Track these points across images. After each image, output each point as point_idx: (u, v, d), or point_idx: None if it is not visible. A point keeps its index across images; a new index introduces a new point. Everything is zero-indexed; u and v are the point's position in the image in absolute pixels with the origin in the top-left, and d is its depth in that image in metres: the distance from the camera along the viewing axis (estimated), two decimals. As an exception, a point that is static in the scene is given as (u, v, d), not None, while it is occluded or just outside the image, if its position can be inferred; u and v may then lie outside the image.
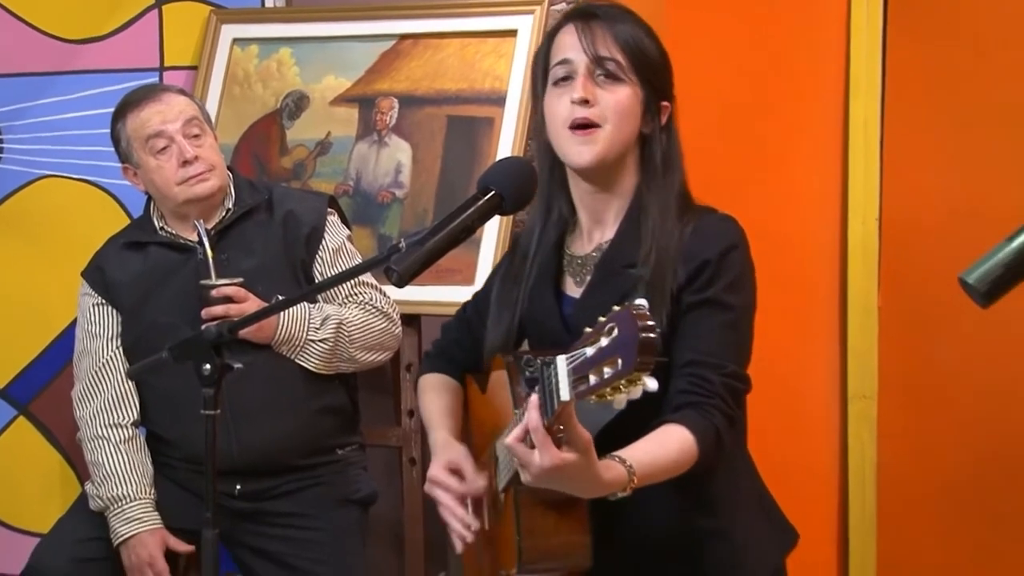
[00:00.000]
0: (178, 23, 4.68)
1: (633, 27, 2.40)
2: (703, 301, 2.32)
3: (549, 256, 2.51)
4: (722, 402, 2.26)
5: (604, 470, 2.08)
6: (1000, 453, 3.05)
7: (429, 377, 2.74)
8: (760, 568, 2.48)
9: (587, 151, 2.35)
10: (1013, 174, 2.90)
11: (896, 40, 3.33)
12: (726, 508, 2.44)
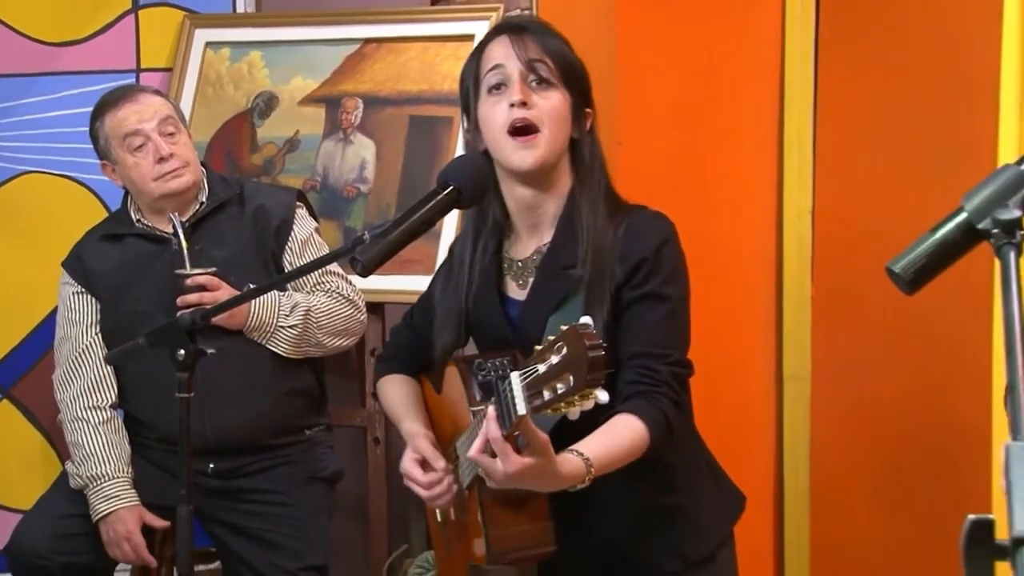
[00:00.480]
0: (154, 27, 4.67)
1: (559, 40, 2.41)
2: (643, 296, 2.33)
3: (490, 261, 2.51)
4: (669, 389, 2.28)
5: (563, 465, 2.10)
6: (923, 431, 3.07)
7: (387, 377, 2.74)
8: (714, 536, 2.50)
9: (529, 155, 2.34)
10: (937, 171, 2.93)
11: (827, 47, 3.36)
12: (682, 484, 2.47)
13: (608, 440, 2.20)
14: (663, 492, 2.44)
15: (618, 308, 2.34)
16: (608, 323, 2.30)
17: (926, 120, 3.01)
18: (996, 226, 1.35)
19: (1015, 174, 1.39)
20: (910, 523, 3.09)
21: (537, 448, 2.04)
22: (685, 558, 2.44)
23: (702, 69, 3.37)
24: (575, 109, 2.39)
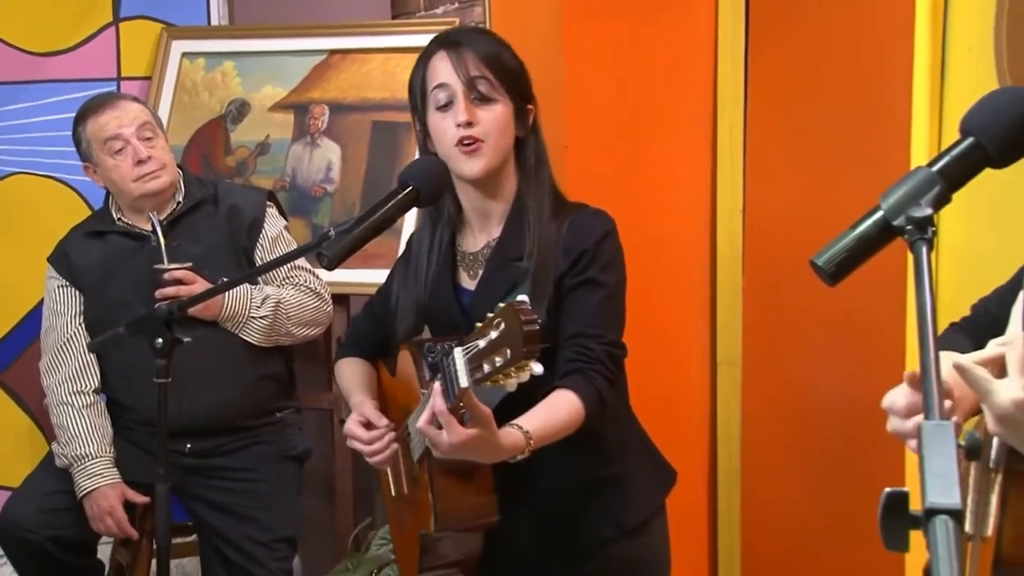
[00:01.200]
0: (133, 38, 4.67)
1: (493, 46, 2.40)
2: (583, 282, 2.34)
3: (444, 253, 2.51)
4: (603, 367, 2.29)
5: (504, 438, 2.11)
6: (843, 411, 3.08)
7: (343, 360, 2.74)
8: (648, 504, 2.50)
9: (476, 164, 2.35)
10: (856, 172, 2.94)
11: (756, 57, 3.37)
12: (618, 458, 2.47)
13: (546, 414, 2.21)
14: (599, 465, 2.44)
15: (560, 296, 2.34)
16: (551, 310, 2.32)
17: (846, 125, 3.02)
18: (910, 223, 1.36)
19: (926, 175, 1.40)
20: (832, 496, 3.10)
21: (481, 421, 2.05)
22: (620, 526, 2.44)
23: (642, 77, 3.38)
24: (517, 111, 2.39)
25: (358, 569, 3.94)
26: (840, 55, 3.06)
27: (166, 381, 2.55)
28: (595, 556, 2.45)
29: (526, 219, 2.39)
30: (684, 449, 3.41)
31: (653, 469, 2.56)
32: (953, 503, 1.11)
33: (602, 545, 2.45)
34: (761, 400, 3.40)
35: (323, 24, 4.59)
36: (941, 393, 1.21)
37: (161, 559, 2.69)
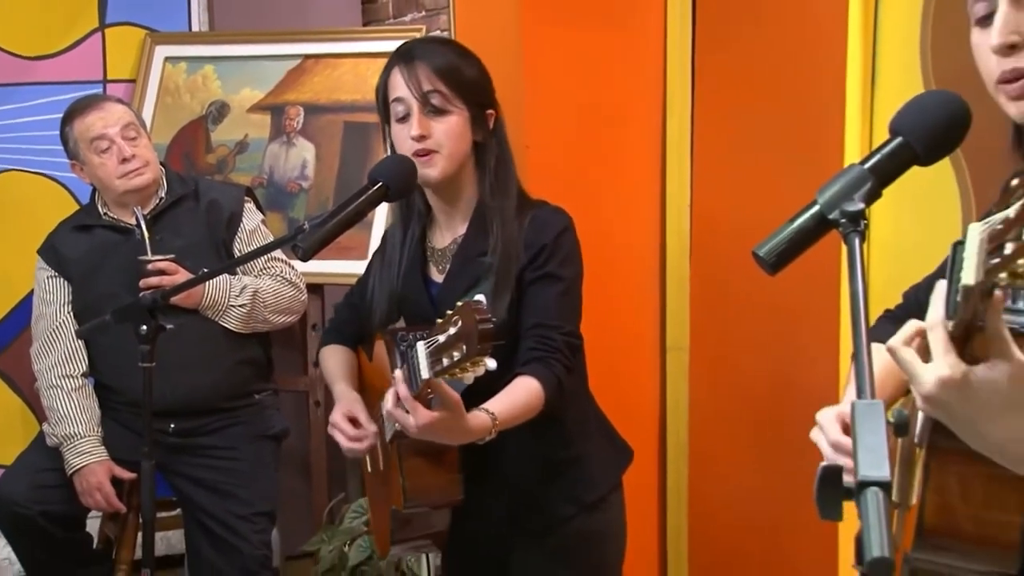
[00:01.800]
0: (118, 43, 4.65)
1: (449, 57, 2.39)
2: (542, 276, 2.33)
3: (415, 249, 2.51)
4: (562, 356, 2.29)
5: (472, 420, 2.13)
6: (783, 392, 3.10)
7: (327, 348, 2.72)
8: (605, 482, 2.50)
9: (431, 171, 2.36)
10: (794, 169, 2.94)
11: (702, 63, 3.37)
12: (577, 440, 2.47)
13: (510, 399, 2.21)
14: (560, 447, 2.44)
15: (521, 289, 2.34)
16: (513, 302, 2.32)
17: (785, 126, 3.03)
18: (844, 216, 1.36)
19: (859, 172, 1.40)
20: (773, 471, 3.12)
21: (448, 405, 2.06)
22: (579, 503, 2.45)
23: (597, 82, 3.38)
24: (474, 118, 2.38)
25: (332, 540, 3.94)
26: (780, 62, 3.07)
27: (150, 365, 2.55)
28: (556, 531, 2.45)
29: (488, 218, 2.38)
30: (636, 429, 3.41)
31: (610, 449, 2.56)
32: (883, 476, 1.12)
33: (563, 521, 2.45)
34: (707, 383, 3.41)
35: (298, 30, 4.60)
36: (872, 374, 1.22)
37: (147, 532, 2.68)
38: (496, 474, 2.39)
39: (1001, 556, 1.34)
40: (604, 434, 2.56)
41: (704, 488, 3.42)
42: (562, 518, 2.45)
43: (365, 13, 5.09)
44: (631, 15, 3.39)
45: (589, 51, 3.33)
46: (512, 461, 2.38)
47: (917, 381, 1.24)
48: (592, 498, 2.47)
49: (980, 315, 1.19)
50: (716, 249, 3.35)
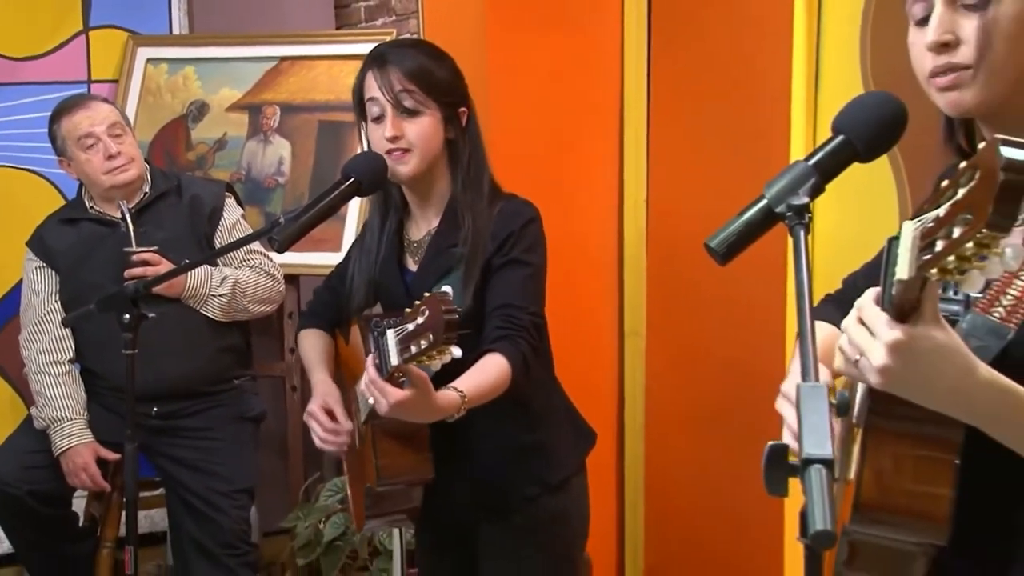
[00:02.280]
0: (102, 45, 4.62)
1: (420, 59, 2.37)
2: (509, 261, 2.33)
3: (392, 239, 2.50)
4: (528, 335, 2.29)
5: (440, 398, 2.12)
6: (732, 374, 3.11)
7: (306, 331, 2.71)
8: (568, 466, 2.50)
9: (404, 169, 2.35)
10: (744, 165, 2.95)
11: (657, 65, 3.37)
12: (542, 424, 2.47)
13: (478, 376, 2.21)
14: (525, 431, 2.44)
15: (488, 275, 2.34)
16: (481, 289, 2.32)
17: (735, 125, 3.04)
18: (790, 210, 1.37)
19: (804, 168, 1.41)
20: (723, 449, 3.13)
21: (417, 384, 2.06)
22: (543, 483, 2.44)
23: (558, 83, 3.38)
24: (446, 116, 2.38)
25: (308, 517, 3.94)
26: (730, 64, 3.08)
27: (133, 352, 2.54)
28: (521, 511, 2.45)
29: (460, 212, 2.38)
30: (596, 410, 3.41)
31: (574, 433, 2.56)
32: (826, 454, 1.13)
33: (527, 501, 2.44)
34: (663, 366, 3.42)
35: (275, 33, 4.59)
36: (816, 358, 1.23)
37: (130, 510, 2.68)
38: (464, 455, 2.39)
39: (932, 528, 1.35)
40: (568, 419, 2.56)
41: (660, 465, 3.43)
42: (526, 498, 2.44)
43: (338, 17, 5.09)
44: (590, 20, 3.39)
45: (551, 54, 3.33)
46: (479, 443, 2.38)
47: (870, 354, 1.24)
48: (555, 480, 2.46)
49: (915, 300, 1.20)
50: (671, 240, 3.36)
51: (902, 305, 1.21)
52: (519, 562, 2.46)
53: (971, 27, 1.39)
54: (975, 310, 1.38)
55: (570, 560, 2.55)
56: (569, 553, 2.55)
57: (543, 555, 2.48)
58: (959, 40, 1.40)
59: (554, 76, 3.37)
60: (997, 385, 1.25)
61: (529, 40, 3.30)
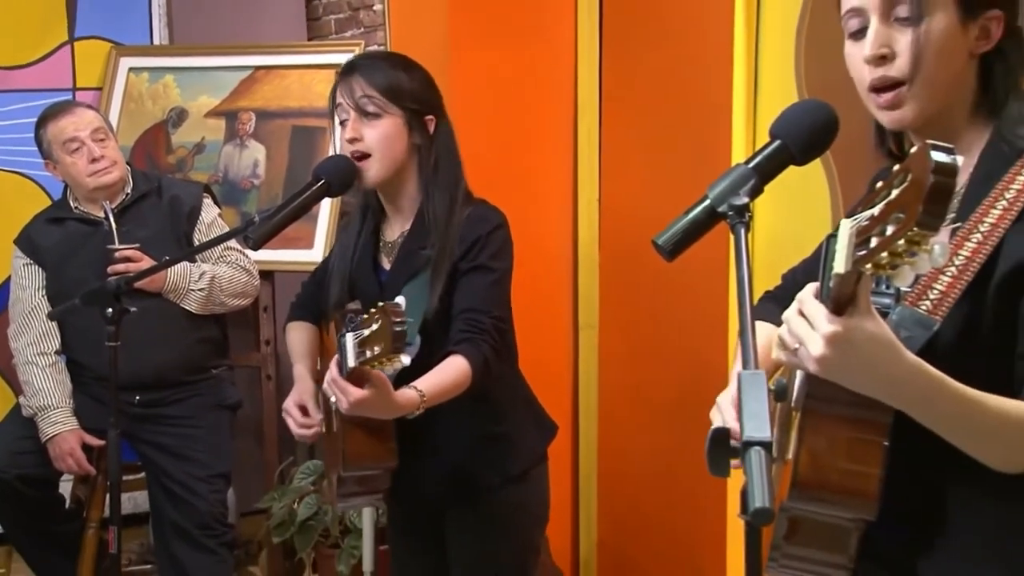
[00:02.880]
0: (86, 55, 4.62)
1: (385, 69, 2.33)
2: (475, 267, 2.30)
3: (369, 238, 2.47)
4: (490, 338, 2.27)
5: (399, 397, 2.11)
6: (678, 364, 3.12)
7: (292, 324, 2.68)
8: (529, 457, 2.47)
9: (367, 175, 2.32)
10: (689, 167, 2.97)
11: (608, 75, 3.38)
12: (505, 417, 2.44)
13: (438, 377, 2.20)
14: (489, 423, 2.41)
15: (455, 278, 2.32)
16: (448, 291, 2.30)
17: (681, 130, 3.05)
18: (731, 209, 1.38)
19: (744, 171, 1.42)
20: (670, 433, 3.14)
21: (376, 384, 2.06)
22: (505, 474, 2.42)
23: (517, 92, 3.38)
24: (410, 121, 2.33)
25: (283, 499, 3.93)
26: (676, 74, 3.08)
27: (116, 344, 2.53)
28: (484, 499, 2.43)
29: (428, 216, 2.34)
30: (553, 397, 3.41)
31: (535, 425, 2.53)
32: (765, 437, 1.13)
33: (489, 490, 2.42)
34: (614, 357, 3.42)
35: (250, 44, 4.58)
36: (756, 348, 1.23)
37: (113, 493, 2.67)
38: (432, 444, 2.37)
39: (862, 504, 1.36)
40: (530, 412, 2.53)
41: (611, 448, 3.44)
42: (488, 487, 2.42)
43: (310, 29, 5.09)
44: (546, 33, 3.39)
45: (510, 63, 3.32)
46: (446, 434, 2.35)
47: (809, 345, 1.24)
48: (517, 471, 2.44)
49: (851, 294, 1.21)
50: (622, 238, 3.37)
51: (839, 298, 1.21)
52: (483, 544, 2.45)
53: (905, 41, 1.40)
54: (904, 303, 1.38)
55: (531, 546, 2.54)
56: (530, 539, 2.53)
57: (505, 540, 2.47)
58: (894, 53, 1.41)
59: (513, 85, 3.37)
60: (923, 374, 1.26)
61: (489, 51, 3.30)
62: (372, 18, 4.79)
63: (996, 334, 1.36)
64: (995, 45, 1.43)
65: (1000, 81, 1.44)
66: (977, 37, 1.42)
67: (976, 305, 1.35)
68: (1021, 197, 1.35)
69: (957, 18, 1.40)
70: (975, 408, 1.28)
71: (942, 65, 1.41)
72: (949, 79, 1.42)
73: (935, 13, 1.39)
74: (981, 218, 1.36)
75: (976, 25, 1.42)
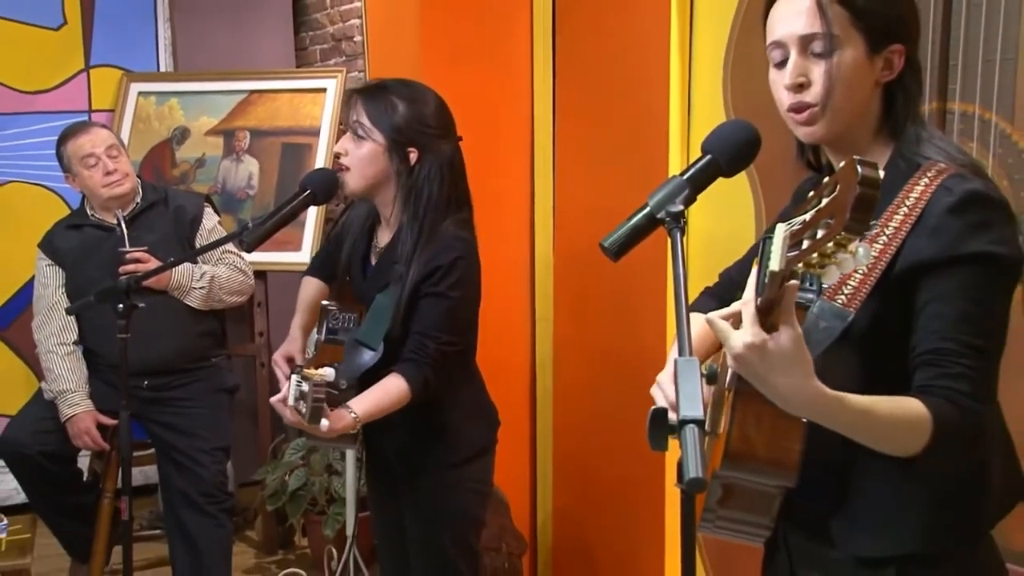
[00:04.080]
0: (100, 81, 4.64)
1: (385, 99, 2.27)
2: (433, 293, 2.24)
3: (366, 240, 2.42)
4: (432, 360, 2.22)
5: (336, 421, 2.11)
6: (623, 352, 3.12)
7: (306, 278, 2.62)
8: (468, 446, 2.39)
9: (346, 184, 2.29)
10: (631, 178, 2.96)
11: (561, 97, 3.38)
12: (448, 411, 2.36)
13: (377, 396, 2.20)
14: (434, 414, 2.34)
15: (416, 298, 2.26)
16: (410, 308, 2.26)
17: (624, 146, 3.05)
18: (668, 216, 1.38)
19: (679, 182, 1.41)
20: (615, 413, 3.14)
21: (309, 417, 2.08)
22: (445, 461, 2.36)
23: (480, 112, 3.34)
24: (391, 149, 2.27)
25: (275, 471, 3.91)
26: (619, 95, 3.08)
27: (127, 335, 2.51)
28: (430, 479, 2.37)
29: (403, 234, 2.28)
30: (513, 379, 3.43)
31: (479, 420, 2.44)
32: (699, 415, 1.13)
33: (431, 473, 2.36)
34: (567, 345, 3.42)
35: (245, 70, 4.60)
36: (691, 339, 1.23)
37: (125, 467, 2.64)
38: (387, 428, 2.30)
39: (785, 474, 1.36)
40: (475, 408, 2.45)
41: (565, 425, 3.43)
42: (431, 470, 2.37)
43: (298, 57, 5.08)
44: (505, 58, 3.38)
45: (473, 85, 3.31)
46: (398, 420, 2.26)
47: (729, 344, 1.25)
48: (456, 459, 2.37)
49: (779, 296, 1.20)
50: (573, 241, 3.36)
51: (770, 301, 1.21)
52: (426, 520, 2.40)
53: (819, 72, 1.42)
54: (823, 297, 1.39)
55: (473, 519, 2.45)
56: (472, 514, 2.44)
57: (448, 517, 2.39)
58: (810, 82, 1.43)
59: (476, 106, 3.35)
60: (823, 396, 1.26)
61: (455, 74, 3.28)
62: (353, 47, 4.77)
63: (900, 323, 1.37)
64: (897, 75, 1.44)
65: (900, 107, 1.45)
66: (882, 68, 1.44)
67: (883, 299, 1.36)
68: (918, 205, 1.36)
69: (864, 52, 1.42)
70: (869, 418, 1.29)
71: (850, 92, 1.42)
72: (855, 104, 1.43)
73: (845, 48, 1.41)
74: (886, 222, 1.37)
75: (881, 58, 1.43)
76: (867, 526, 1.43)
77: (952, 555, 1.42)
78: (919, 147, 1.42)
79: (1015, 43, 1.86)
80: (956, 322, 1.32)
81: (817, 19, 1.40)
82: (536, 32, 3.37)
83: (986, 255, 1.31)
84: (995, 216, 1.34)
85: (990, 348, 1.34)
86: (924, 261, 1.33)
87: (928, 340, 1.33)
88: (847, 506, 1.44)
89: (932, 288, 1.33)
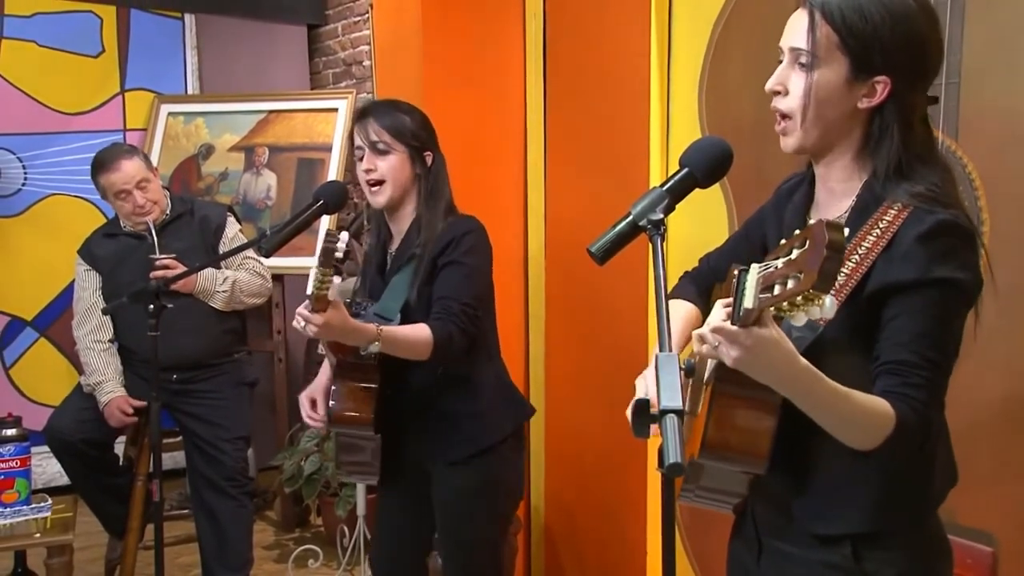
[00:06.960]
0: (135, 102, 4.66)
1: (395, 115, 2.30)
2: (449, 262, 2.23)
3: (382, 248, 2.38)
4: (457, 319, 2.19)
5: (360, 325, 2.06)
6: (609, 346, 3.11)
7: None
8: (497, 433, 2.32)
9: (379, 198, 2.29)
10: (616, 189, 2.96)
11: (552, 113, 3.36)
12: (478, 395, 2.32)
13: (405, 329, 2.14)
14: (462, 400, 2.29)
15: (434, 273, 2.25)
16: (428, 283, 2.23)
17: (609, 159, 3.04)
18: (650, 223, 1.36)
19: (659, 192, 1.40)
20: (602, 402, 3.13)
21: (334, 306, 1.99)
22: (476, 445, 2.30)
23: (477, 126, 3.34)
24: (413, 156, 2.29)
25: (292, 457, 3.90)
26: (605, 115, 3.07)
27: (157, 334, 2.52)
28: (458, 467, 2.30)
29: (420, 225, 2.28)
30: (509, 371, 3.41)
31: (506, 406, 2.38)
32: (678, 406, 1.12)
33: (460, 461, 2.29)
34: (558, 341, 3.40)
35: (264, 92, 4.62)
36: (671, 335, 1.21)
37: (156, 453, 2.65)
38: (416, 415, 2.29)
39: (755, 462, 1.36)
40: (502, 393, 2.39)
41: (556, 415, 3.42)
42: (459, 459, 2.30)
43: (312, 80, 5.08)
44: (501, 80, 3.37)
45: (472, 104, 3.30)
46: (426, 407, 2.26)
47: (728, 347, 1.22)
48: (485, 444, 2.30)
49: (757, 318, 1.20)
50: (563, 246, 3.35)
51: (746, 322, 1.20)
52: (458, 509, 2.33)
53: (799, 83, 1.39)
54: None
55: (502, 515, 2.40)
56: (501, 510, 2.39)
57: (480, 507, 2.33)
58: (787, 91, 1.40)
59: (474, 121, 3.34)
60: (808, 371, 1.25)
61: (455, 94, 3.27)
62: (362, 71, 4.77)
63: (866, 337, 1.35)
64: (877, 104, 1.38)
65: (875, 137, 1.39)
66: (865, 94, 1.38)
67: (852, 314, 1.34)
68: (890, 230, 1.34)
69: (845, 75, 1.37)
70: (842, 398, 1.27)
71: (822, 110, 1.38)
72: (828, 122, 1.39)
73: (828, 67, 1.37)
74: (859, 243, 1.35)
75: (864, 84, 1.37)
76: (824, 506, 1.42)
77: (901, 532, 1.41)
78: (884, 187, 1.37)
79: (957, 70, 1.87)
80: (918, 337, 1.31)
81: (805, 36, 1.37)
82: (528, 57, 3.36)
83: (950, 281, 1.30)
84: (960, 244, 1.32)
85: (946, 363, 1.34)
86: (895, 284, 1.32)
87: (892, 351, 1.32)
88: (806, 485, 1.43)
89: (899, 304, 1.32)
